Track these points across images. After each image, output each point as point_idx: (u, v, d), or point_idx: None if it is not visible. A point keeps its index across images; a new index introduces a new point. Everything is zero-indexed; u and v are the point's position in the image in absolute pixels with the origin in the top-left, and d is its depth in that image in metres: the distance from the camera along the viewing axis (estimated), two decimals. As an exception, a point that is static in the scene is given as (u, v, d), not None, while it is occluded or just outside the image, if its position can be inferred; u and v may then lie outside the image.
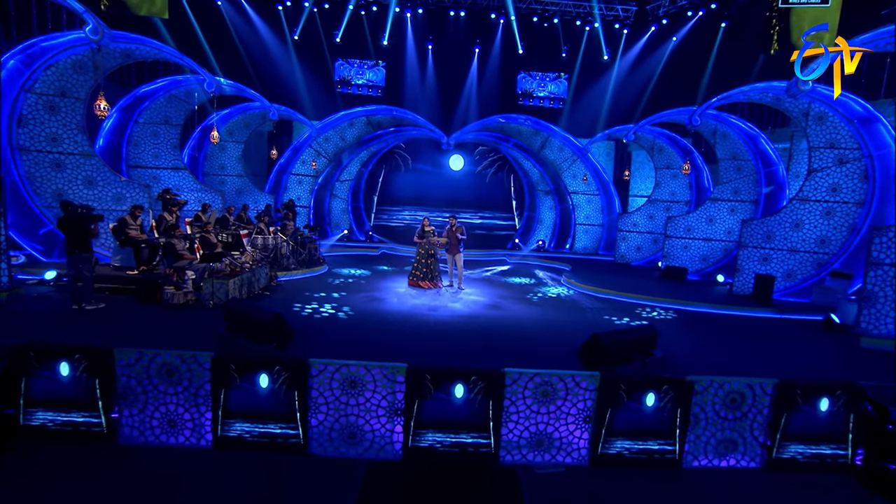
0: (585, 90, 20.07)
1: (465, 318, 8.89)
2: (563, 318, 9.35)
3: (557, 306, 10.40)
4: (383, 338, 7.47)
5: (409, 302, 9.95)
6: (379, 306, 9.44)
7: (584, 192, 18.78)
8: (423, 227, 11.40)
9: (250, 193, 16.83)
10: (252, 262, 9.64)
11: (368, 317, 8.63)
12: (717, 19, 15.68)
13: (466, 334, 7.97)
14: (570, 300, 11.15)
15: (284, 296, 9.69)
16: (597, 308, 10.45)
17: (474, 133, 18.94)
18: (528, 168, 19.97)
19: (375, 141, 19.06)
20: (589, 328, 8.61)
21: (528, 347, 7.42)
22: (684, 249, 14.49)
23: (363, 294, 10.43)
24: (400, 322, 8.42)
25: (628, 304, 11.10)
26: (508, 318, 9.07)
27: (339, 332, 7.62)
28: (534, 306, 10.23)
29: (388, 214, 21.03)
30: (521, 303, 10.51)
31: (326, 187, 19.12)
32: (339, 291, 10.51)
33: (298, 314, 8.42)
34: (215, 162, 16.11)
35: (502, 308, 9.90)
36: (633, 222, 17.20)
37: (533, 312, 9.66)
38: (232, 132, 16.13)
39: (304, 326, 7.69)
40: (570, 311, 10.00)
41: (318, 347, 6.74)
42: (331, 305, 9.10)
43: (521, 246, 19.45)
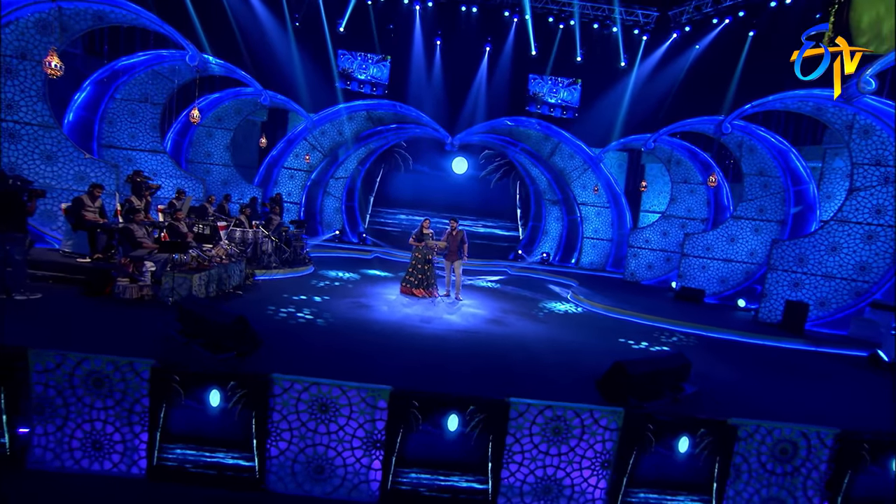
0: (599, 97, 19.32)
1: (462, 334, 7.93)
2: (573, 339, 8.40)
3: (566, 324, 9.46)
4: (366, 352, 6.50)
5: (401, 311, 8.99)
6: (365, 314, 8.47)
7: (594, 203, 17.93)
8: (422, 229, 10.48)
9: (237, 185, 15.91)
10: (225, 257, 8.68)
11: (351, 326, 7.66)
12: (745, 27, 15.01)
13: (463, 353, 7.00)
14: (580, 318, 10.21)
15: (259, 296, 8.72)
16: (609, 329, 9.51)
17: (480, 135, 18.11)
18: (535, 175, 19.13)
19: (375, 137, 18.21)
20: (604, 352, 7.67)
21: (534, 372, 6.45)
22: (702, 270, 13.60)
23: (349, 300, 9.46)
24: (387, 334, 7.45)
25: (643, 326, 10.17)
26: (511, 336, 8.11)
27: (314, 342, 6.64)
28: (539, 323, 9.28)
29: (384, 217, 20.12)
30: (525, 318, 9.56)
31: (320, 184, 18.22)
32: (323, 295, 9.55)
33: (271, 318, 7.45)
34: (201, 149, 15.20)
35: (504, 324, 8.95)
36: (645, 238, 16.35)
37: (539, 330, 8.71)
38: (221, 118, 15.25)
39: (274, 333, 6.72)
40: (581, 331, 9.05)
41: (286, 360, 5.77)
42: (310, 310, 8.13)
43: (525, 257, 18.55)
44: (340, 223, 18.52)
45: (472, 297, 11.16)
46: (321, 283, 10.73)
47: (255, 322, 6.90)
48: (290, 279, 10.78)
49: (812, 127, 14.43)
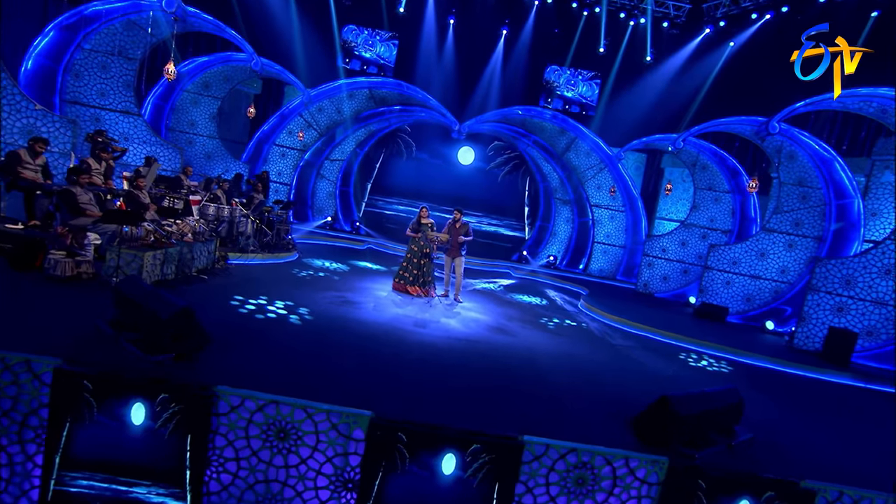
0: (621, 93, 18.26)
1: (462, 343, 6.85)
2: (589, 356, 7.33)
3: (580, 338, 8.39)
4: (343, 362, 5.42)
5: (391, 311, 7.91)
6: (349, 313, 7.38)
7: (609, 206, 16.87)
8: (420, 218, 9.40)
9: (222, 160, 14.77)
10: (191, 235, 7.57)
11: (330, 326, 6.57)
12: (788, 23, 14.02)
13: (462, 367, 5.93)
14: (594, 332, 9.15)
15: (227, 283, 7.61)
16: (629, 346, 8.45)
17: (491, 124, 17.02)
18: (547, 172, 18.06)
19: (377, 119, 17.09)
20: (631, 377, 6.60)
21: (547, 397, 5.39)
22: (726, 286, 12.57)
23: (332, 294, 8.37)
24: (373, 338, 6.37)
25: (665, 344, 9.14)
26: (520, 350, 7.03)
27: (281, 345, 5.55)
28: (550, 335, 8.22)
29: (381, 205, 19.00)
30: (533, 328, 8.49)
31: (314, 165, 17.09)
32: (303, 287, 8.45)
33: (234, 311, 6.35)
34: (184, 117, 14.05)
35: (510, 333, 7.87)
36: (661, 247, 15.30)
37: (551, 344, 7.64)
38: (209, 85, 14.11)
39: (233, 330, 5.63)
40: (599, 348, 7.99)
41: (240, 368, 4.67)
42: (284, 304, 7.03)
43: (529, 259, 17.49)
44: (333, 209, 17.40)
45: (473, 300, 10.08)
46: (303, 273, 9.63)
47: (214, 314, 5.83)
48: (269, 266, 9.67)
49: (857, 134, 13.43)
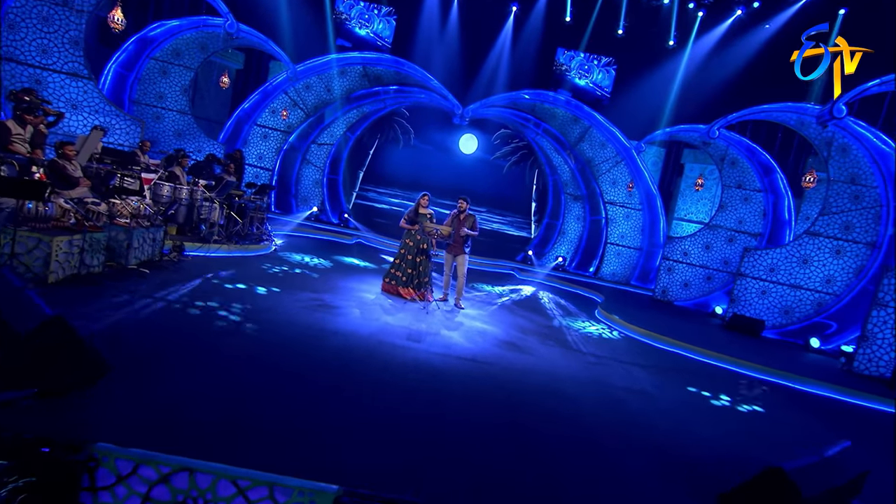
0: (639, 80, 16.95)
1: (467, 364, 5.51)
2: (625, 383, 6.01)
3: (605, 355, 7.06)
4: (306, 395, 4.07)
5: (379, 319, 6.56)
6: (325, 320, 6.02)
7: (625, 204, 15.59)
8: (419, 207, 8.05)
9: (194, 139, 13.34)
10: (133, 219, 6.18)
11: (298, 339, 5.22)
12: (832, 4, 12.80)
13: (471, 402, 4.59)
14: (619, 347, 7.84)
15: (175, 279, 6.22)
16: (664, 367, 7.14)
17: (498, 109, 15.70)
18: (557, 164, 16.75)
19: (371, 100, 15.72)
20: (684, 414, 5.28)
21: (588, 453, 4.05)
22: (760, 295, 11.30)
23: (307, 295, 6.99)
24: (352, 357, 5.02)
25: (701, 364, 7.87)
26: (540, 375, 5.70)
27: (222, 368, 4.18)
28: (572, 353, 6.89)
29: (374, 196, 17.63)
30: (550, 343, 7.16)
31: (299, 149, 15.70)
32: (272, 286, 7.07)
33: (173, 316, 4.97)
34: (152, 88, 12.60)
35: (526, 350, 6.54)
36: (683, 250, 14.05)
37: (575, 365, 6.31)
38: (180, 53, 12.66)
39: (158, 347, 4.26)
40: (631, 370, 6.66)
41: (147, 408, 3.30)
42: (242, 308, 5.66)
43: (535, 260, 16.18)
44: (320, 198, 16.01)
45: (476, 306, 8.75)
46: (275, 269, 8.24)
47: (138, 323, 4.47)
48: (235, 259, 8.28)
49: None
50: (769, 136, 15.02)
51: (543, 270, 15.43)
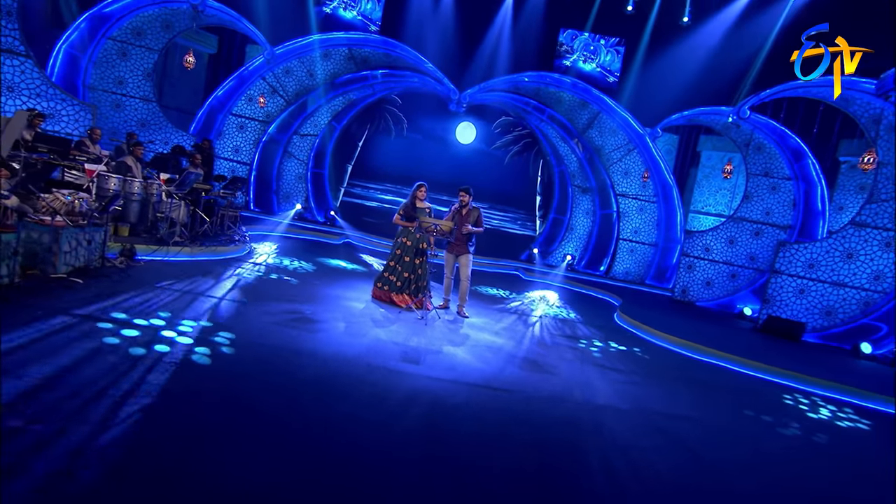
0: (653, 61, 16.02)
1: (480, 392, 4.52)
2: (672, 409, 5.03)
3: (643, 373, 6.09)
4: (263, 453, 3.06)
5: (368, 334, 5.55)
6: (301, 339, 5.01)
7: (638, 195, 14.65)
8: (415, 199, 7.06)
9: (161, 130, 12.29)
10: (66, 216, 5.14)
11: (263, 368, 4.21)
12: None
13: (490, 443, 3.58)
14: (650, 359, 6.86)
15: (114, 289, 5.18)
16: (709, 383, 6.18)
17: (498, 94, 14.73)
18: (564, 153, 15.79)
19: (358, 85, 14.68)
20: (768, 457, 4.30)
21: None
22: (798, 295, 10.38)
23: (282, 306, 5.97)
24: (332, 391, 4.02)
25: (745, 378, 6.92)
26: (569, 401, 4.72)
27: (145, 418, 3.17)
28: (602, 370, 5.90)
29: (364, 192, 16.59)
30: (573, 357, 6.17)
31: (280, 141, 14.65)
32: (239, 295, 6.05)
33: (95, 334, 3.94)
34: (110, 73, 11.52)
35: (548, 369, 5.55)
36: (704, 246, 13.16)
37: (610, 387, 5.32)
38: (141, 33, 11.58)
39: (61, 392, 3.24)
40: (672, 388, 5.68)
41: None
42: (196, 325, 4.63)
43: (541, 259, 15.23)
44: (304, 194, 14.96)
45: (482, 313, 7.76)
46: (247, 275, 7.20)
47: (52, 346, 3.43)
48: (200, 264, 7.24)
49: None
50: (797, 117, 14.12)
51: (550, 270, 14.48)
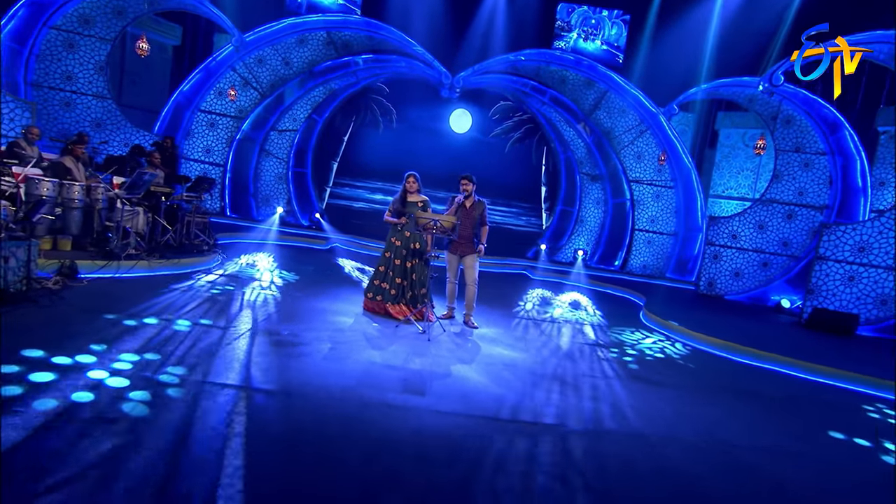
0: (661, 33, 15.19)
1: (503, 428, 3.69)
2: (744, 438, 4.20)
3: (689, 384, 5.25)
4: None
5: (359, 358, 4.69)
6: (276, 369, 4.17)
7: (653, 181, 13.86)
8: (405, 193, 6.22)
9: (120, 129, 11.42)
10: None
11: (222, 417, 3.36)
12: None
13: None
14: (695, 368, 6.03)
15: (33, 320, 4.30)
16: (767, 395, 5.36)
17: (494, 75, 13.94)
18: (569, 138, 14.99)
19: (340, 73, 13.84)
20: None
21: None
22: (847, 283, 9.58)
23: (257, 327, 5.10)
24: (313, 449, 3.17)
25: (808, 384, 6.11)
26: (619, 435, 3.88)
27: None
28: (647, 385, 5.06)
29: (352, 192, 15.74)
30: (608, 370, 5.33)
31: (256, 139, 13.77)
32: (203, 316, 5.18)
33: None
34: (56, 67, 10.63)
35: (580, 388, 4.70)
36: (730, 232, 12.40)
37: (664, 409, 4.49)
38: (90, 21, 10.69)
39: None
40: (735, 405, 4.84)
41: None
42: (139, 360, 3.76)
43: (550, 256, 14.42)
44: (286, 196, 14.09)
45: (492, 322, 6.92)
46: (214, 291, 6.32)
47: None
48: (159, 279, 6.36)
49: None
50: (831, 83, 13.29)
51: (561, 268, 13.67)
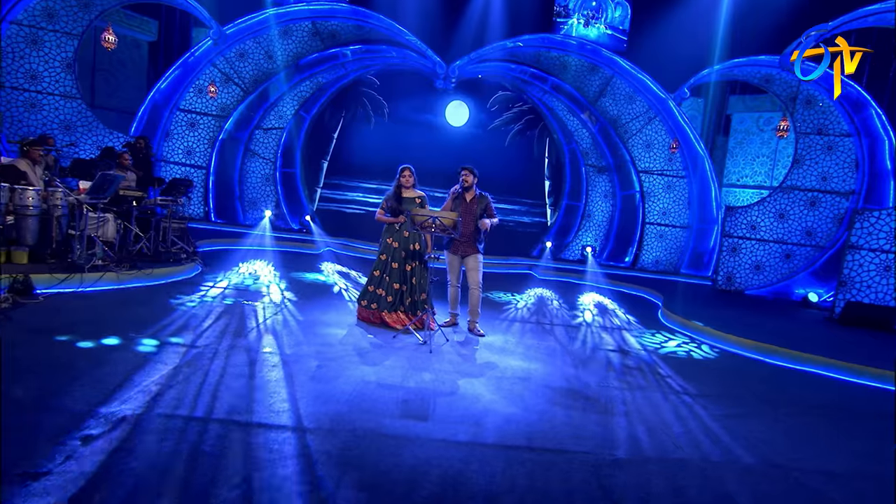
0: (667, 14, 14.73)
1: (521, 458, 3.20)
2: (813, 460, 3.69)
3: (727, 394, 4.76)
4: None
5: (352, 376, 4.21)
6: (252, 395, 3.69)
7: (664, 171, 13.43)
8: (400, 189, 5.75)
9: (91, 132, 10.97)
10: None
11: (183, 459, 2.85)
12: None
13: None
14: (729, 373, 5.55)
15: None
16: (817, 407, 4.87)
17: (492, 64, 13.52)
18: (573, 129, 14.52)
19: (327, 66, 13.37)
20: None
21: None
22: (884, 273, 9.10)
23: (234, 344, 4.61)
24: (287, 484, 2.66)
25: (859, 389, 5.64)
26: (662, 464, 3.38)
27: None
28: (678, 397, 4.58)
29: (344, 193, 15.24)
30: (631, 380, 4.84)
31: (240, 138, 13.29)
32: (173, 334, 4.69)
33: None
34: (19, 67, 10.15)
35: (606, 404, 4.22)
36: (749, 223, 11.96)
37: (700, 421, 4.00)
38: (54, 14, 10.21)
39: None
40: (788, 419, 4.36)
41: None
42: (90, 391, 3.27)
43: (555, 254, 13.96)
44: (274, 199, 13.60)
45: (500, 329, 6.44)
46: (189, 305, 5.83)
47: None
48: (129, 293, 5.87)
49: None
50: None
51: (568, 266, 13.21)
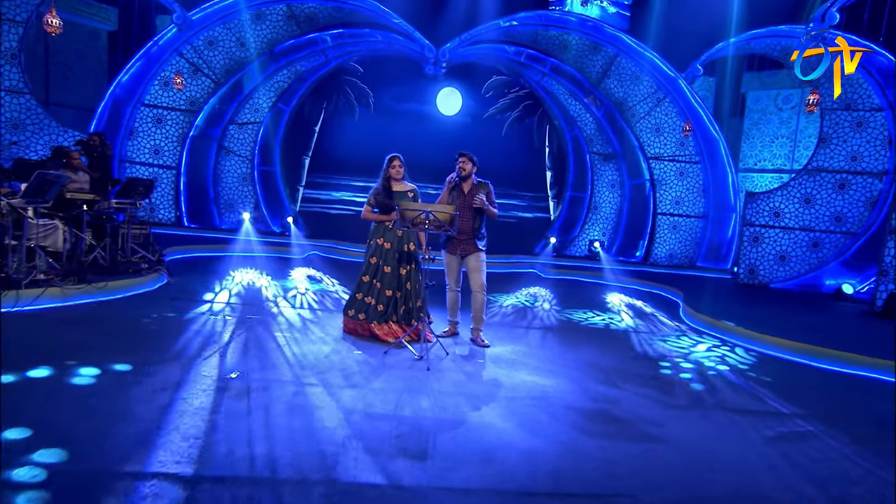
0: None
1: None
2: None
3: (784, 411, 4.16)
4: None
5: (335, 404, 3.59)
6: (210, 434, 3.02)
7: (675, 156, 12.90)
8: (389, 181, 5.15)
9: (44, 130, 10.34)
10: None
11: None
12: None
13: None
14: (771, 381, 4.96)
15: None
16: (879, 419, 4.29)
17: (486, 46, 12.94)
18: (576, 114, 13.96)
19: (306, 52, 12.75)
20: None
21: None
22: (928, 260, 8.56)
23: (193, 368, 3.97)
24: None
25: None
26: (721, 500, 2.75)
27: None
28: (727, 415, 3.98)
29: (328, 191, 14.57)
30: (666, 397, 4.24)
31: (213, 135, 12.63)
32: (121, 357, 4.05)
33: None
34: (-40, 60, 9.50)
35: (643, 429, 3.63)
36: (771, 210, 11.44)
37: (760, 450, 3.40)
38: (-2, 1, 9.55)
39: None
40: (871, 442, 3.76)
41: None
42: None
43: (559, 250, 13.41)
44: (253, 200, 12.96)
45: (506, 336, 5.83)
46: (147, 319, 5.18)
47: None
48: (75, 310, 5.23)
49: None
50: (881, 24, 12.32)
51: (575, 262, 12.68)
